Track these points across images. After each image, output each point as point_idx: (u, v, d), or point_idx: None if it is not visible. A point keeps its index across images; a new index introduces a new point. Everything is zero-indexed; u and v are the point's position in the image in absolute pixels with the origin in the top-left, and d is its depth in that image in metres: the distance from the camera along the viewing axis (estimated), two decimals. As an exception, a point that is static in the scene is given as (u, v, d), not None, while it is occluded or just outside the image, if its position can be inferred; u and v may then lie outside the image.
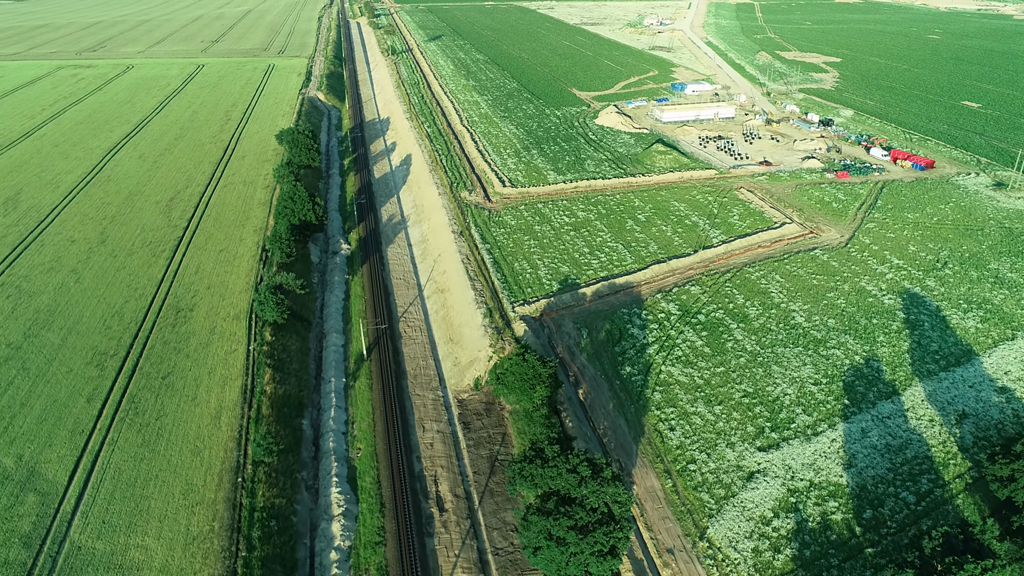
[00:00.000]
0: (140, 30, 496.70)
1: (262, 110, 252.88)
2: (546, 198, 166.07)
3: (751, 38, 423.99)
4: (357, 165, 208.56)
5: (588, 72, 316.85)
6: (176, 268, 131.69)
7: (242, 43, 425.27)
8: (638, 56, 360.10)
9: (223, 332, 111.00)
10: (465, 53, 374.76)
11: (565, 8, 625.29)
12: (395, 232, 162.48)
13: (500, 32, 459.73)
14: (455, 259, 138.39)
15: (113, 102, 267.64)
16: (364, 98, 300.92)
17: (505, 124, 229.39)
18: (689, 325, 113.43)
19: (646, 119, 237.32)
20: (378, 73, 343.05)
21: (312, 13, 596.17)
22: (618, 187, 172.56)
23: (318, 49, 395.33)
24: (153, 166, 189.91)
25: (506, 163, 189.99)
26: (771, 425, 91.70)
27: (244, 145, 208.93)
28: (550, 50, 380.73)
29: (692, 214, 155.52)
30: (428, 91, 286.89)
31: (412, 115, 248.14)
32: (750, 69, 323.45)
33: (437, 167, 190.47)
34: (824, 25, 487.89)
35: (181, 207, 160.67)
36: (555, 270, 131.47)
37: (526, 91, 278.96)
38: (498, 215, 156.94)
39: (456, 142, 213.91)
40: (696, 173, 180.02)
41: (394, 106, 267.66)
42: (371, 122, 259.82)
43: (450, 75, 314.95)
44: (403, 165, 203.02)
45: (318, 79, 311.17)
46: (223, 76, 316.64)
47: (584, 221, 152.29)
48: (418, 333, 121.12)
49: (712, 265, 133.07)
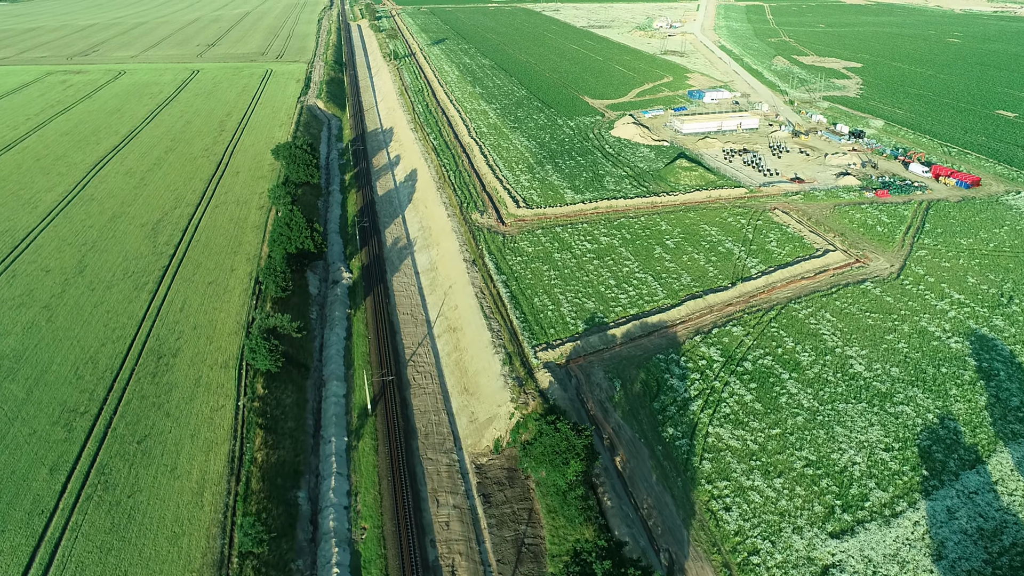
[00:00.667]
0: (135, 33, 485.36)
1: (259, 120, 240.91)
2: (564, 220, 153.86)
3: (765, 42, 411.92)
4: (359, 181, 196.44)
5: (600, 78, 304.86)
6: (160, 304, 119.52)
7: (239, 47, 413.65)
8: (650, 61, 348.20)
9: (209, 384, 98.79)
10: (470, 58, 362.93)
11: (571, 10, 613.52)
12: (401, 258, 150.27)
13: (505, 35, 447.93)
14: (468, 292, 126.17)
15: (102, 111, 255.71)
16: (366, 106, 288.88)
17: (516, 136, 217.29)
18: (735, 375, 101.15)
19: (665, 130, 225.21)
20: (380, 79, 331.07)
21: (312, 15, 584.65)
22: (642, 208, 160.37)
23: (318, 53, 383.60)
24: (140, 183, 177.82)
25: (519, 180, 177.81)
26: (842, 503, 79.38)
27: (238, 159, 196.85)
28: (558, 55, 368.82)
29: (725, 239, 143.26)
30: (432, 99, 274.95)
31: (416, 125, 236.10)
32: (769, 75, 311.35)
33: (445, 184, 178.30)
34: (839, 28, 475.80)
35: (168, 231, 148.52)
36: (580, 306, 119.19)
37: (536, 99, 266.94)
38: (513, 240, 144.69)
39: (464, 156, 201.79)
40: (725, 192, 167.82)
41: (397, 115, 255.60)
42: (373, 132, 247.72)
43: (455, 81, 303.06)
44: (408, 181, 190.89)
45: (318, 86, 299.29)
46: (218, 83, 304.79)
47: (608, 248, 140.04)
48: (429, 381, 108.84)
49: (753, 300, 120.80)
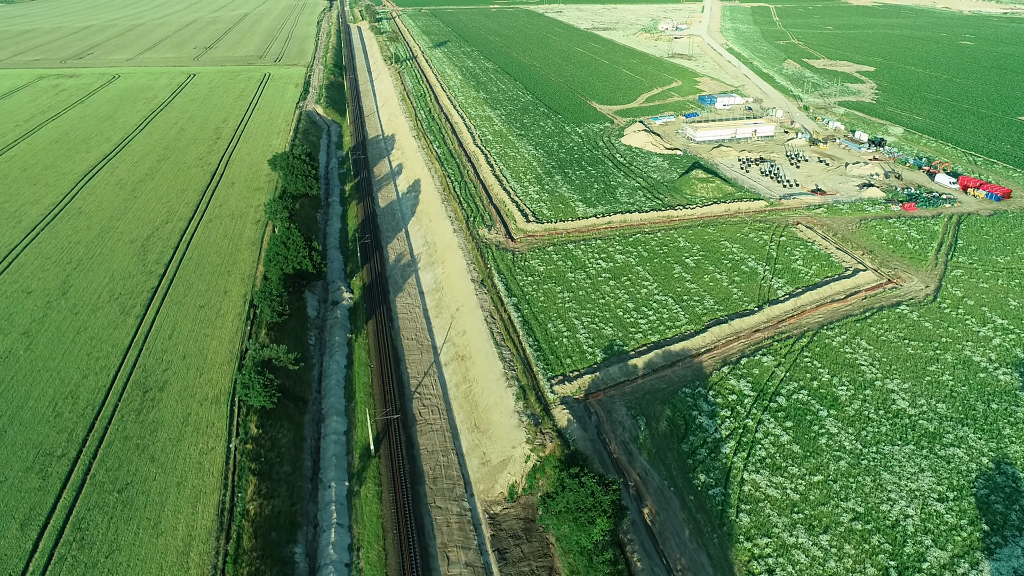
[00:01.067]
0: (131, 35, 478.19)
1: (256, 127, 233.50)
2: (577, 236, 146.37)
3: (774, 44, 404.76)
4: (360, 192, 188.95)
5: (607, 83, 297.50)
6: (148, 330, 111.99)
7: (237, 50, 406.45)
8: (658, 64, 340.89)
9: (199, 422, 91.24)
10: (473, 61, 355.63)
11: (574, 12, 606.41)
12: (404, 276, 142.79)
13: (508, 38, 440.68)
14: (476, 316, 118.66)
15: (94, 117, 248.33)
16: (366, 111, 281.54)
17: (523, 144, 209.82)
18: (769, 411, 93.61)
19: (677, 138, 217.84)
20: (381, 83, 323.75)
21: (311, 17, 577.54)
22: (658, 222, 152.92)
23: (317, 56, 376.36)
24: (131, 195, 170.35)
25: (527, 192, 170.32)
26: (896, 564, 71.85)
27: (234, 169, 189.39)
28: (563, 58, 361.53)
29: (748, 257, 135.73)
30: (435, 104, 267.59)
31: (419, 132, 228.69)
32: (780, 79, 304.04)
33: (450, 196, 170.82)
34: (848, 30, 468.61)
35: (159, 248, 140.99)
36: (597, 333, 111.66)
37: (542, 105, 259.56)
38: (523, 258, 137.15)
39: (469, 165, 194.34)
40: (744, 205, 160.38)
41: (399, 121, 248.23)
42: (374, 139, 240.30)
43: (458, 86, 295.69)
44: (411, 192, 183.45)
45: (317, 90, 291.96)
46: (215, 87, 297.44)
47: (624, 267, 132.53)
48: (436, 416, 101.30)
49: (782, 326, 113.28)
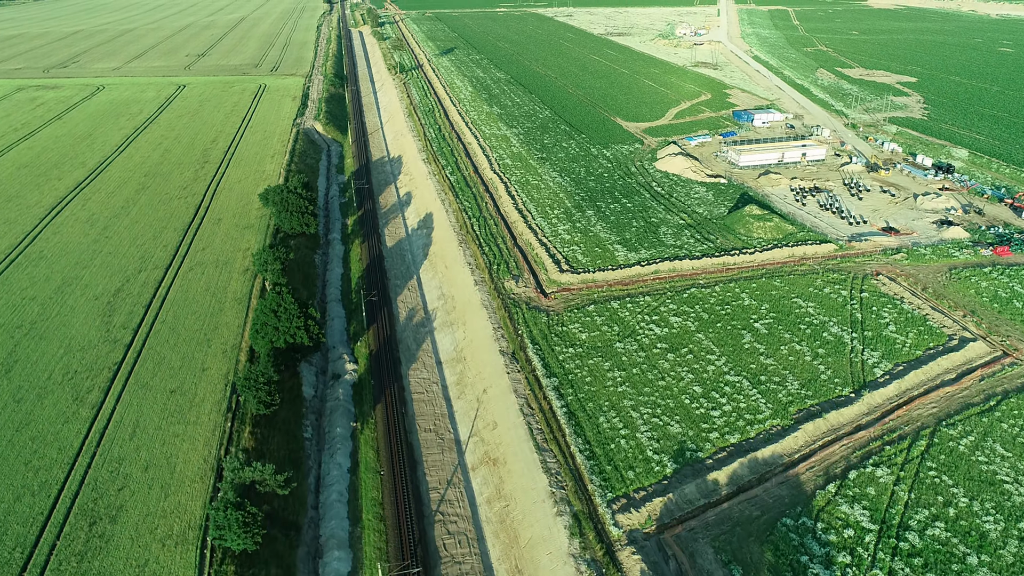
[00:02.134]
0: (121, 41, 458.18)
1: (248, 148, 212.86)
2: (620, 291, 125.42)
3: (801, 51, 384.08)
4: (364, 227, 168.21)
5: (629, 96, 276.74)
6: (105, 425, 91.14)
7: (231, 57, 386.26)
8: (681, 75, 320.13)
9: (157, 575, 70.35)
10: (483, 71, 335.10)
11: (584, 16, 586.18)
12: (418, 340, 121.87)
13: (519, 44, 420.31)
14: (509, 402, 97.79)
15: (70, 136, 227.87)
16: (370, 128, 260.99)
17: (546, 170, 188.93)
18: (899, 556, 72.54)
19: (717, 162, 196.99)
20: (385, 95, 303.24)
21: (310, 21, 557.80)
22: (712, 271, 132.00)
23: (316, 65, 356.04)
24: (102, 235, 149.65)
25: (556, 231, 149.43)
26: None
27: (222, 201, 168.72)
28: (579, 67, 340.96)
29: (828, 320, 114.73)
30: (445, 120, 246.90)
31: (429, 154, 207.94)
32: (817, 92, 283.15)
33: (468, 236, 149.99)
34: (875, 36, 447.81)
35: (128, 306, 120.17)
36: (661, 430, 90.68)
37: (562, 122, 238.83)
38: (560, 321, 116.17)
39: (487, 196, 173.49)
40: (810, 249, 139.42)
41: (406, 141, 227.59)
42: (379, 162, 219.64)
43: (469, 99, 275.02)
44: (422, 229, 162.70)
45: (316, 104, 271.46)
46: (205, 100, 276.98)
47: (683, 334, 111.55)
48: (465, 550, 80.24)
49: (890, 421, 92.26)
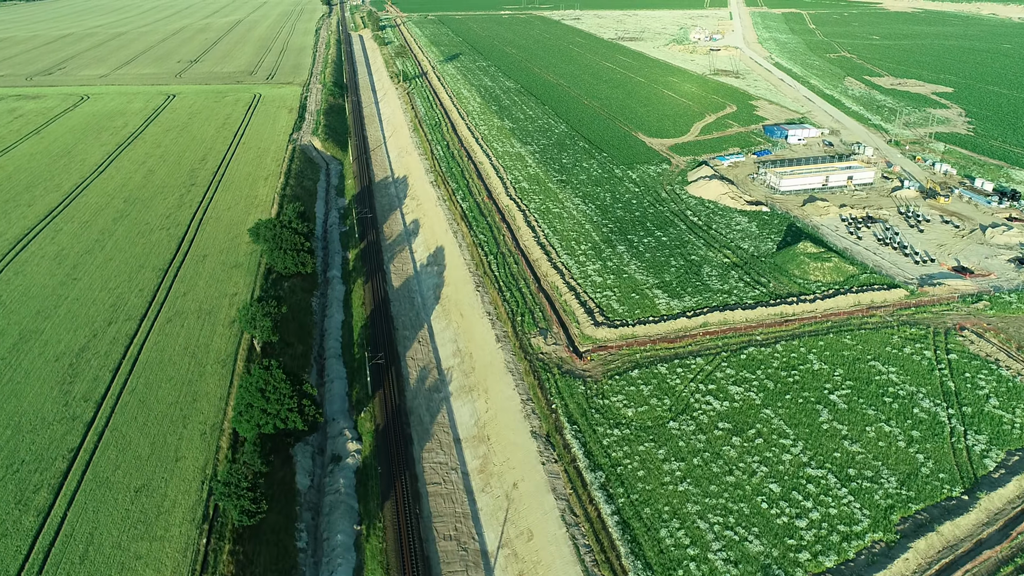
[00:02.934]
0: (111, 46, 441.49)
1: (240, 168, 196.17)
2: (666, 350, 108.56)
3: (824, 58, 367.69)
4: (367, 263, 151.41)
5: (649, 108, 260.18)
6: (50, 542, 74.32)
7: (226, 64, 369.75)
8: (702, 84, 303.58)
9: None
10: (491, 79, 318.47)
11: (592, 20, 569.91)
12: (432, 410, 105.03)
13: (527, 50, 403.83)
14: (545, 504, 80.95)
15: (48, 154, 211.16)
16: (372, 142, 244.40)
17: (567, 195, 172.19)
18: None
19: (754, 186, 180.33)
20: (388, 106, 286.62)
21: (308, 25, 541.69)
22: (770, 323, 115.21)
23: (314, 73, 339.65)
24: (70, 276, 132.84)
25: (586, 271, 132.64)
26: None
27: (209, 233, 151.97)
28: (592, 75, 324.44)
29: (917, 391, 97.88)
30: (453, 135, 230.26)
31: (437, 175, 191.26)
32: (849, 103, 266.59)
33: (485, 277, 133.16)
34: (897, 41, 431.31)
35: (92, 371, 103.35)
36: (739, 549, 73.79)
37: (580, 137, 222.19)
38: (600, 390, 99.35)
39: (504, 226, 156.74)
40: (878, 295, 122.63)
41: (411, 159, 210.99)
42: (383, 183, 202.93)
43: (478, 111, 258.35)
44: (432, 266, 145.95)
45: (314, 117, 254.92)
46: (196, 113, 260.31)
47: (746, 408, 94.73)
48: None
49: (1018, 536, 75.47)
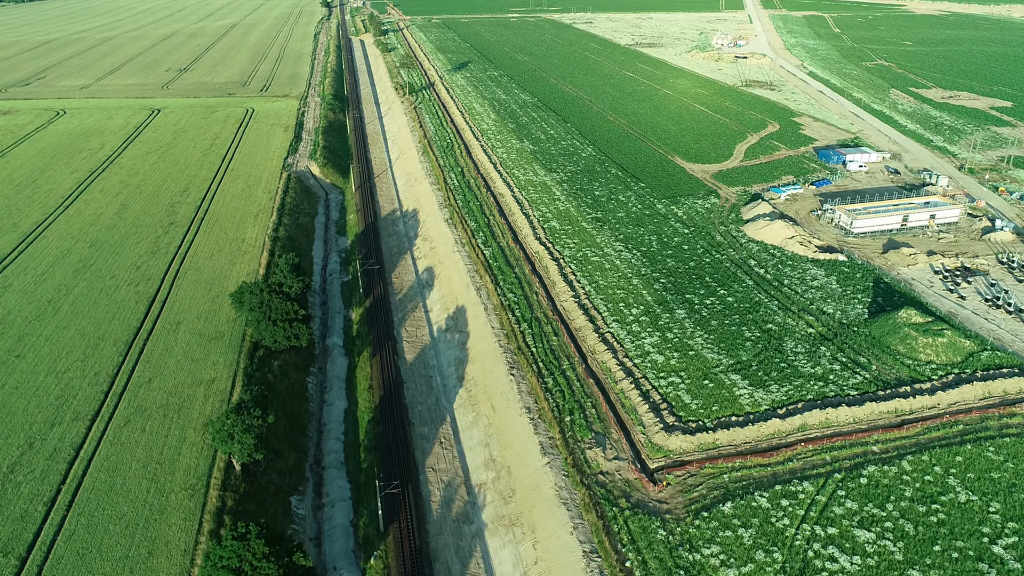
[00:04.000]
0: (98, 52, 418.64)
1: (227, 201, 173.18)
2: (760, 467, 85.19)
3: (861, 67, 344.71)
4: (374, 327, 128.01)
5: (683, 126, 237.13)
6: None
7: (217, 73, 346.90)
8: (735, 97, 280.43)
9: None
10: (505, 91, 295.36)
11: (606, 23, 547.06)
12: (463, 553, 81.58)
13: (539, 57, 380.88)
14: None
15: (10, 182, 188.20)
16: (376, 166, 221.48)
17: (606, 238, 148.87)
18: None
19: (820, 225, 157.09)
20: (393, 122, 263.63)
21: (307, 28, 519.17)
22: (884, 425, 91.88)
23: (313, 83, 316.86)
24: (12, 352, 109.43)
25: (642, 347, 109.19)
26: None
27: (185, 291, 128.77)
28: (614, 87, 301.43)
29: (1105, 540, 74.65)
30: (467, 159, 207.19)
31: (452, 211, 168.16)
32: (903, 120, 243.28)
33: (520, 355, 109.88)
34: (933, 47, 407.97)
35: (20, 504, 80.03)
36: None
37: (611, 163, 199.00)
38: (686, 537, 75.81)
39: (536, 280, 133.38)
40: (1010, 383, 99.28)
41: (422, 188, 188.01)
42: (390, 219, 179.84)
43: (494, 130, 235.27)
44: (453, 333, 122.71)
45: (312, 136, 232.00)
46: (181, 131, 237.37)
47: (885, 568, 71.28)
48: None
49: None
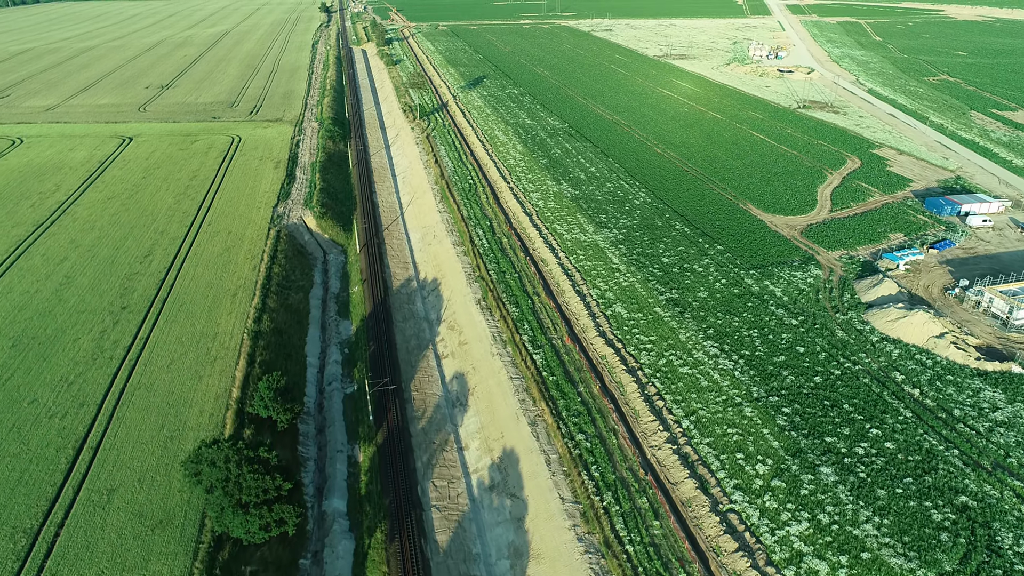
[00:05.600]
0: (72, 65, 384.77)
1: (198, 273, 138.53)
2: None
3: (923, 82, 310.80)
4: (389, 482, 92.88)
5: (746, 161, 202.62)
6: None
7: (203, 90, 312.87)
8: (797, 123, 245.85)
9: None
10: (529, 114, 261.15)
11: (627, 31, 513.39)
12: None
13: (561, 71, 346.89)
14: None
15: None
16: (385, 214, 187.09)
17: (690, 332, 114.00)
18: None
19: (964, 311, 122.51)
20: (403, 154, 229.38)
21: (304, 37, 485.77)
22: None
23: (309, 103, 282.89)
24: None
25: (789, 543, 74.33)
26: None
27: (128, 429, 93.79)
28: (652, 108, 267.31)
29: None
30: (496, 207, 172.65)
31: (485, 288, 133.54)
32: (1006, 153, 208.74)
33: (610, 557, 75.19)
34: (993, 59, 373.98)
35: None
36: None
37: (673, 213, 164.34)
38: None
39: (611, 406, 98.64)
40: None
41: (443, 249, 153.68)
42: (404, 293, 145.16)
43: (523, 167, 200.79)
44: (502, 494, 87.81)
45: (307, 174, 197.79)
46: (153, 167, 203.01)
47: None
48: None
49: None
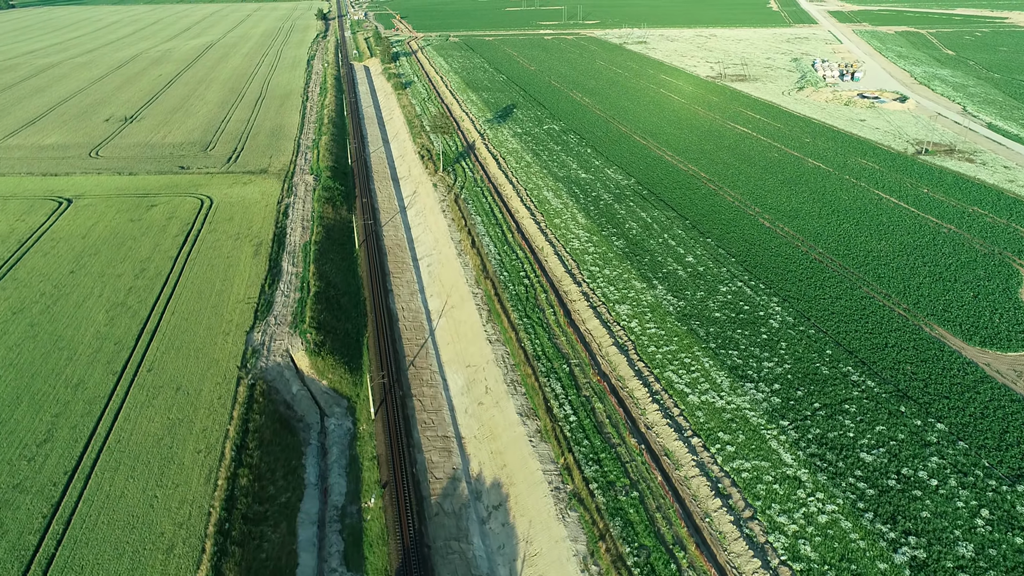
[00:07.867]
0: (26, 88, 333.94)
1: (118, 484, 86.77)
2: None
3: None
4: None
5: (893, 243, 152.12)
6: None
7: (173, 125, 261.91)
8: (927, 177, 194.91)
9: None
10: (581, 163, 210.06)
11: (663, 43, 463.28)
12: None
13: (602, 96, 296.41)
14: None
15: None
16: (408, 338, 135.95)
17: (879, 557, 64.00)
18: None
19: None
20: (425, 227, 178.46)
21: (299, 51, 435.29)
22: None
23: (302, 145, 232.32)
24: None
25: None
26: None
27: None
28: (732, 152, 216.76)
29: None
30: (570, 332, 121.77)
31: (582, 508, 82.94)
32: None
33: None
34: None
35: None
36: None
37: (832, 344, 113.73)
38: None
39: None
40: None
41: (503, 419, 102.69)
42: (450, 510, 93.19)
43: (592, 249, 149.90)
44: None
45: (298, 266, 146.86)
46: (88, 254, 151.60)
47: None
48: None
49: None
